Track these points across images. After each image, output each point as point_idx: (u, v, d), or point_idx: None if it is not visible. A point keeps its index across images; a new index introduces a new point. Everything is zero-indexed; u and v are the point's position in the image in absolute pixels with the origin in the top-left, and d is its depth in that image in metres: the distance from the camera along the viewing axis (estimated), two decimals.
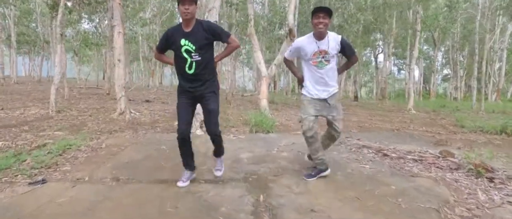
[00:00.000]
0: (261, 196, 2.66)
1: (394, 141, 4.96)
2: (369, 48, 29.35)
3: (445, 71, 38.72)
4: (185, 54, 2.71)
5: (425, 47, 29.20)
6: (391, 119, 9.61)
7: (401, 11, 16.04)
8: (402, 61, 34.35)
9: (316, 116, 3.01)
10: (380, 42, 26.03)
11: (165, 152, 4.16)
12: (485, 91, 14.98)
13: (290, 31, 8.77)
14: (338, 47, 2.95)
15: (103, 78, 25.52)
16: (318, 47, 2.92)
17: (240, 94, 20.08)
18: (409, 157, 3.78)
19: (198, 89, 2.79)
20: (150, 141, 4.95)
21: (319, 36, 2.92)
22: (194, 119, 5.80)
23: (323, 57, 2.93)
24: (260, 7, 24.79)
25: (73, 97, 12.23)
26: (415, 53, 12.84)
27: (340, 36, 3.00)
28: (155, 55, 3.03)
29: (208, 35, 2.72)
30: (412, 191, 2.75)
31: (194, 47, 2.69)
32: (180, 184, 2.91)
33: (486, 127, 6.78)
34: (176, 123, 3.00)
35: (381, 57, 31.02)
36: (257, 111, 8.67)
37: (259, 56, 9.07)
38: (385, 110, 13.47)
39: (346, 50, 3.00)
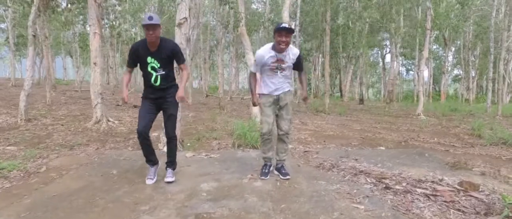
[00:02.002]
0: None
1: (401, 161, 4.06)
2: (376, 48, 28.28)
3: (456, 72, 37.32)
4: (151, 71, 3.11)
5: (434, 47, 27.96)
6: (398, 127, 8.66)
7: (410, 7, 15.02)
8: (410, 62, 33.13)
9: (274, 117, 3.31)
10: (387, 42, 24.97)
11: (112, 179, 3.35)
12: (499, 93, 13.83)
13: None
14: (294, 60, 3.22)
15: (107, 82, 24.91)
16: (277, 56, 3.18)
17: (240, 97, 19.23)
18: (419, 190, 2.89)
19: (161, 96, 3.17)
20: (105, 160, 4.14)
21: (280, 50, 3.14)
22: (162, 134, 4.99)
23: (279, 65, 3.21)
24: (262, 5, 24.00)
25: (58, 102, 11.53)
26: (425, 53, 11.82)
27: (298, 51, 3.26)
28: (123, 77, 3.33)
29: (170, 54, 3.12)
30: None
31: (158, 65, 3.10)
32: (148, 182, 3.18)
33: (510, 139, 5.80)
34: (154, 133, 3.67)
35: (388, 57, 29.94)
36: (248, 118, 7.82)
37: (250, 58, 8.21)
38: (392, 115, 12.48)
39: (298, 64, 3.27)
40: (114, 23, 17.32)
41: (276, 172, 3.41)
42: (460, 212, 2.46)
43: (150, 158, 3.26)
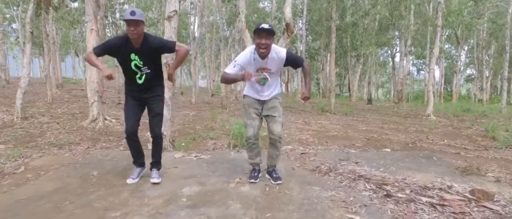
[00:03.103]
0: None
1: (406, 165, 3.72)
2: (386, 47, 27.66)
3: (468, 71, 36.33)
4: (134, 68, 2.87)
5: (446, 46, 27.20)
6: (406, 128, 8.26)
7: (419, 3, 14.51)
8: (421, 61, 32.33)
9: (260, 120, 3.02)
10: (397, 41, 24.40)
11: (90, 181, 3.11)
12: None
13: (287, 26, 7.59)
14: (282, 63, 2.86)
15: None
16: (260, 65, 2.85)
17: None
18: (424, 199, 2.56)
19: (145, 94, 2.98)
20: (89, 160, 3.92)
21: (261, 55, 2.80)
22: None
23: (264, 75, 2.88)
24: (268, 4, 23.67)
25: (60, 100, 11.44)
26: (436, 51, 11.33)
27: (284, 51, 2.86)
28: (88, 55, 2.86)
29: (154, 49, 2.83)
30: None
31: (142, 63, 2.85)
32: (129, 181, 3.01)
33: None
34: (148, 133, 3.41)
35: (398, 56, 29.29)
36: None
37: None
38: (400, 115, 12.03)
39: (293, 63, 2.98)
40: (119, 22, 17.26)
41: (267, 176, 3.13)
42: None
43: (138, 159, 3.14)
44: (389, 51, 29.27)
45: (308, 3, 18.22)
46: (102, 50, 2.83)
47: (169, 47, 2.90)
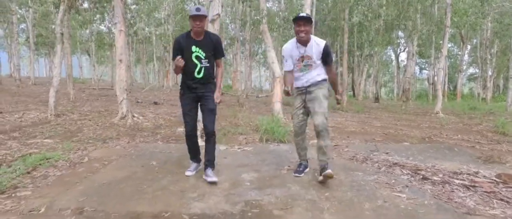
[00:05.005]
0: None
1: (431, 155, 4.10)
2: (390, 47, 28.02)
3: (471, 70, 36.69)
4: (195, 60, 3.09)
5: (449, 45, 27.54)
6: (419, 124, 8.63)
7: (429, 5, 14.86)
8: (424, 61, 32.68)
9: (305, 109, 3.16)
10: (402, 41, 24.73)
11: (154, 170, 3.48)
12: None
13: None
14: (320, 52, 3.03)
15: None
16: (301, 53, 3.05)
17: (255, 95, 19.35)
18: (457, 181, 2.94)
19: (201, 90, 3.16)
20: (142, 152, 4.30)
21: (302, 42, 3.02)
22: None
23: (307, 62, 3.05)
24: (276, 4, 24.00)
25: (80, 99, 11.84)
26: (444, 51, 11.69)
27: (324, 42, 3.05)
28: (176, 70, 3.14)
29: (214, 45, 3.15)
30: None
31: (204, 55, 3.10)
32: (188, 173, 3.29)
33: None
34: (179, 128, 3.73)
35: (402, 56, 29.58)
36: (270, 114, 7.91)
37: (272, 55, 8.31)
38: (410, 113, 12.41)
39: (326, 57, 3.08)
40: (131, 22, 17.64)
41: (320, 178, 2.98)
42: (504, 202, 2.51)
43: (195, 156, 3.36)
44: (394, 50, 29.60)
45: (316, 4, 18.56)
46: (176, 51, 3.11)
47: (222, 50, 3.23)
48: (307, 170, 3.32)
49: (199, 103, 3.25)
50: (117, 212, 2.41)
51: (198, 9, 2.99)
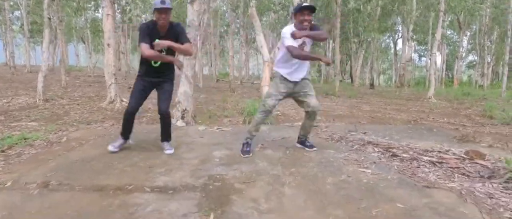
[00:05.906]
0: (212, 215, 1.94)
1: (409, 135, 4.12)
2: (388, 34, 27.78)
3: (470, 58, 36.45)
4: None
5: (448, 32, 27.31)
6: (408, 108, 8.65)
7: None
8: (423, 48, 32.46)
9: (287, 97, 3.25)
10: (399, 27, 24.52)
11: (129, 148, 3.50)
12: None
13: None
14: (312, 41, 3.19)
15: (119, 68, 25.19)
16: (302, 41, 3.07)
17: (250, 82, 19.32)
18: (425, 157, 2.97)
19: (159, 78, 3.21)
20: None
21: (302, 29, 3.02)
22: (175, 109, 5.14)
23: (303, 47, 3.10)
24: None
25: (73, 85, 11.83)
26: (438, 36, 11.61)
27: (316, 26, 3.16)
28: (148, 52, 2.97)
29: (176, 38, 3.09)
30: (425, 212, 1.97)
31: (165, 49, 3.08)
32: (110, 147, 3.29)
33: None
34: None
35: (400, 42, 29.35)
36: (258, 99, 7.92)
37: (261, 40, 8.26)
38: (402, 98, 12.41)
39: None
40: (125, 8, 17.46)
41: (299, 145, 3.40)
42: (464, 176, 2.54)
43: (125, 133, 3.37)
44: (392, 37, 29.39)
45: None
46: (146, 36, 2.99)
47: (186, 37, 3.14)
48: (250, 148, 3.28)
49: (154, 89, 3.26)
50: (82, 185, 2.44)
51: (163, 2, 2.92)
